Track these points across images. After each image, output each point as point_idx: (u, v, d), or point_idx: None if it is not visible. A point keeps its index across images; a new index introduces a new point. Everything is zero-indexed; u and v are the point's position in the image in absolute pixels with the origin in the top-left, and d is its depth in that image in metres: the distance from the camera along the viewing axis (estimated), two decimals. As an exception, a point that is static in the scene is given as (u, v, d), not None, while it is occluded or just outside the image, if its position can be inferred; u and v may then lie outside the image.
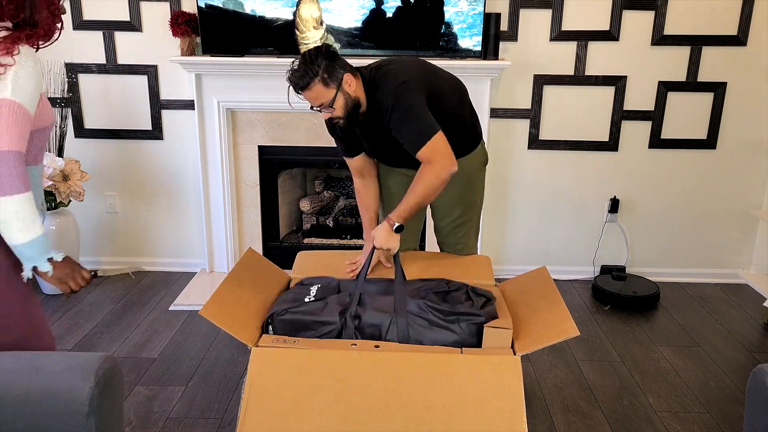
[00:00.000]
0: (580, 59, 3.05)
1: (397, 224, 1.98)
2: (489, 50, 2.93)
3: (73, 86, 3.13)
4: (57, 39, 1.51)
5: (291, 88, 1.94)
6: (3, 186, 1.35)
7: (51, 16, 1.47)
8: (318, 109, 1.96)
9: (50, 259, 1.47)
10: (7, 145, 1.34)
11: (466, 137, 2.20)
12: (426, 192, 1.94)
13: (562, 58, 3.06)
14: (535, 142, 3.18)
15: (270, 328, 1.83)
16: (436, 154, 1.91)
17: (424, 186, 1.93)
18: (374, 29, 2.91)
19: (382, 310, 1.81)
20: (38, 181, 1.57)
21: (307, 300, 1.88)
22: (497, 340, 1.85)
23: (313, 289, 1.95)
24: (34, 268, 1.46)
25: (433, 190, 1.94)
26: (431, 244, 2.87)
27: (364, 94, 1.99)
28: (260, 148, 3.17)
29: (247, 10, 2.87)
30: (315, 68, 1.88)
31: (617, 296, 3.04)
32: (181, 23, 2.90)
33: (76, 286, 1.54)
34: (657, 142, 3.17)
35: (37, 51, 1.46)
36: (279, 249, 3.31)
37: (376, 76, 2.00)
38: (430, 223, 2.63)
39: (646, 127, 3.16)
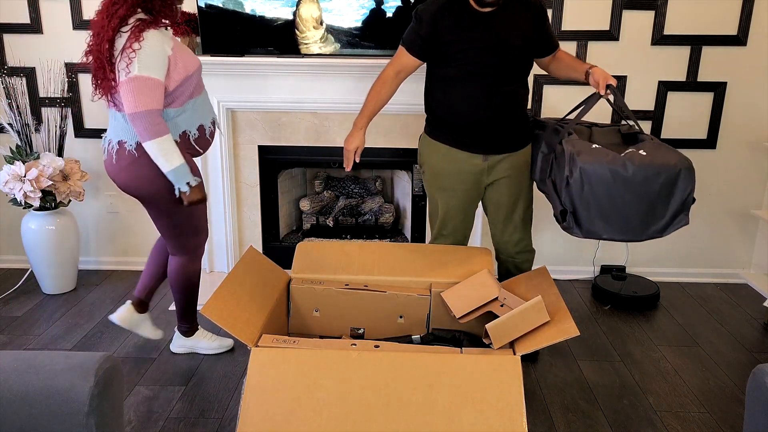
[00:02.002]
0: (580, 59, 3.05)
1: None
2: (489, 50, 2.93)
3: (73, 86, 3.13)
4: (177, 17, 2.13)
5: None
6: (143, 135, 1.99)
7: (163, 3, 2.03)
8: None
9: (188, 184, 2.09)
10: (135, 107, 1.96)
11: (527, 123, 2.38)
12: None
13: (562, 58, 3.06)
14: (535, 142, 3.18)
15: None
16: None
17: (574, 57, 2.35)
18: (374, 29, 2.91)
19: None
20: (201, 106, 2.19)
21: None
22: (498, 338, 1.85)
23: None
24: (179, 189, 2.10)
25: None
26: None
27: None
28: (260, 148, 3.17)
29: (247, 10, 2.87)
30: None
31: (617, 296, 3.04)
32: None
33: (195, 204, 2.15)
34: (657, 142, 3.17)
35: (168, 29, 2.13)
36: (279, 249, 3.31)
37: None
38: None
39: (646, 126, 3.16)
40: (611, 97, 2.17)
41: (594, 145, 2.02)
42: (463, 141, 2.27)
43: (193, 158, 2.26)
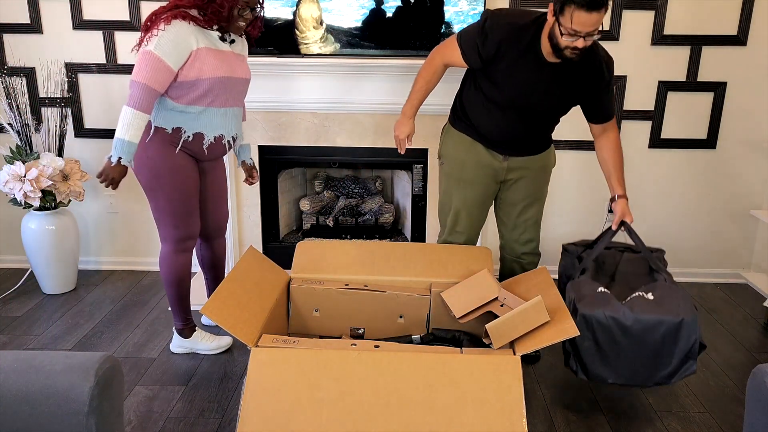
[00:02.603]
0: (580, 59, 3.05)
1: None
2: (489, 50, 2.93)
3: (73, 86, 3.13)
4: (236, 29, 2.19)
5: (565, 11, 1.91)
6: (128, 99, 2.07)
7: (216, 13, 2.10)
8: (582, 36, 1.94)
9: (119, 159, 2.09)
10: (135, 76, 2.07)
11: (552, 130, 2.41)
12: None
13: (562, 58, 3.06)
14: (535, 142, 3.18)
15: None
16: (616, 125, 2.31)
17: (622, 156, 2.32)
18: (374, 29, 2.91)
19: None
20: (214, 119, 2.23)
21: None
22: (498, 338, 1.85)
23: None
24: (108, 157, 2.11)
25: None
26: (430, 238, 2.87)
27: None
28: (260, 148, 3.17)
29: (247, 10, 2.87)
30: None
31: (617, 296, 3.03)
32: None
33: (105, 181, 2.12)
34: (657, 142, 3.17)
35: (212, 28, 2.16)
36: (279, 249, 3.31)
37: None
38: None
39: (646, 127, 3.16)
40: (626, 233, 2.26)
41: (600, 289, 2.03)
42: (485, 139, 2.30)
43: (198, 159, 2.32)
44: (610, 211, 3.23)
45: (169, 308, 2.93)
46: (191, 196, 2.33)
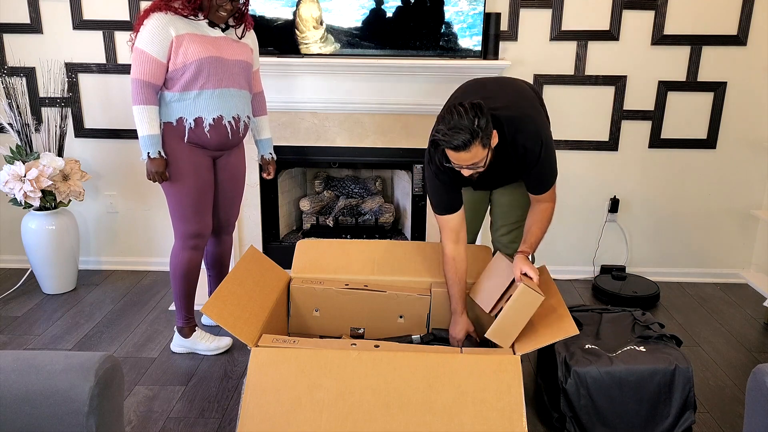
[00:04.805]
0: (580, 59, 3.05)
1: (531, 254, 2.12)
2: (489, 50, 2.93)
3: (73, 86, 3.12)
4: (220, 18, 2.22)
5: (439, 147, 1.85)
6: (132, 98, 2.19)
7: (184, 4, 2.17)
8: (465, 167, 1.87)
9: (148, 154, 2.23)
10: (131, 74, 2.18)
11: None
12: (547, 227, 2.15)
13: (562, 57, 3.06)
14: (535, 142, 3.18)
15: None
16: (553, 197, 2.14)
17: (547, 222, 2.14)
18: (374, 29, 2.91)
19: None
20: (209, 101, 2.24)
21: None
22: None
23: None
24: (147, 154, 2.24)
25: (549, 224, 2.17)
26: (431, 238, 2.86)
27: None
28: (260, 148, 3.17)
29: (247, 10, 2.87)
30: (476, 128, 1.79)
31: (617, 296, 3.03)
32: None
33: (152, 179, 2.26)
34: (657, 141, 3.17)
35: (196, 16, 2.22)
36: (279, 249, 3.31)
37: (513, 119, 1.96)
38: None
39: (646, 126, 3.16)
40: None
41: (587, 345, 2.01)
42: None
43: (211, 150, 2.35)
44: (611, 210, 3.25)
45: (171, 308, 2.94)
46: (202, 194, 2.35)
